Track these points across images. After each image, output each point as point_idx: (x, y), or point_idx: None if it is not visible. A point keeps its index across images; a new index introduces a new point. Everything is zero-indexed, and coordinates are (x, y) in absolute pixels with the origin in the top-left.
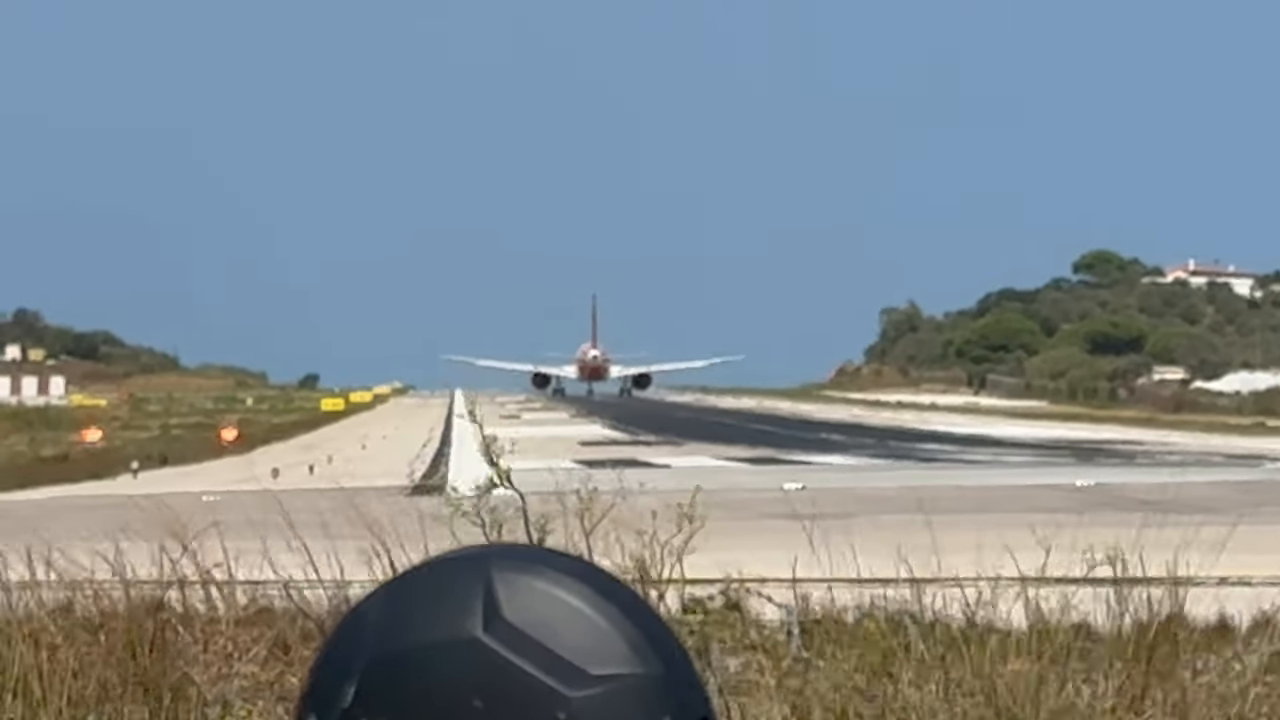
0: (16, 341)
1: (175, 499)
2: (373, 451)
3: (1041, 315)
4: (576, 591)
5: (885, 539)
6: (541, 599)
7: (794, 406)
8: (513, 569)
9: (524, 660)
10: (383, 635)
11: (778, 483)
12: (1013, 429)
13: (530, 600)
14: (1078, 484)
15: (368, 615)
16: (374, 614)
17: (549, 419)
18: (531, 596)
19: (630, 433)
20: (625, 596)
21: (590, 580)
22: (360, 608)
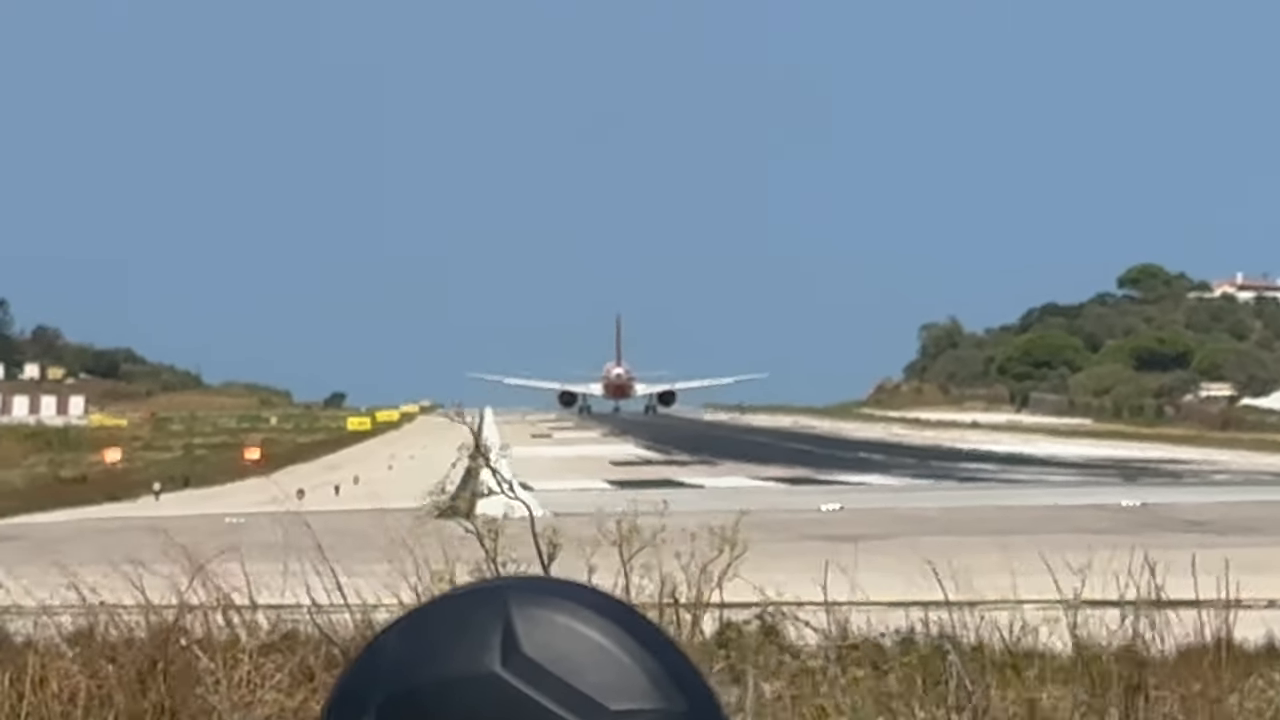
0: (35, 360)
1: (198, 521)
2: (400, 472)
3: (1086, 331)
4: (597, 625)
5: (925, 561)
6: (561, 633)
7: (831, 425)
8: (532, 602)
9: (543, 696)
10: (400, 669)
11: (815, 503)
12: (1056, 448)
13: (550, 634)
14: (1123, 504)
15: (385, 648)
16: (391, 647)
17: (580, 438)
18: (551, 630)
19: (664, 452)
20: (648, 630)
21: (611, 613)
22: (377, 641)
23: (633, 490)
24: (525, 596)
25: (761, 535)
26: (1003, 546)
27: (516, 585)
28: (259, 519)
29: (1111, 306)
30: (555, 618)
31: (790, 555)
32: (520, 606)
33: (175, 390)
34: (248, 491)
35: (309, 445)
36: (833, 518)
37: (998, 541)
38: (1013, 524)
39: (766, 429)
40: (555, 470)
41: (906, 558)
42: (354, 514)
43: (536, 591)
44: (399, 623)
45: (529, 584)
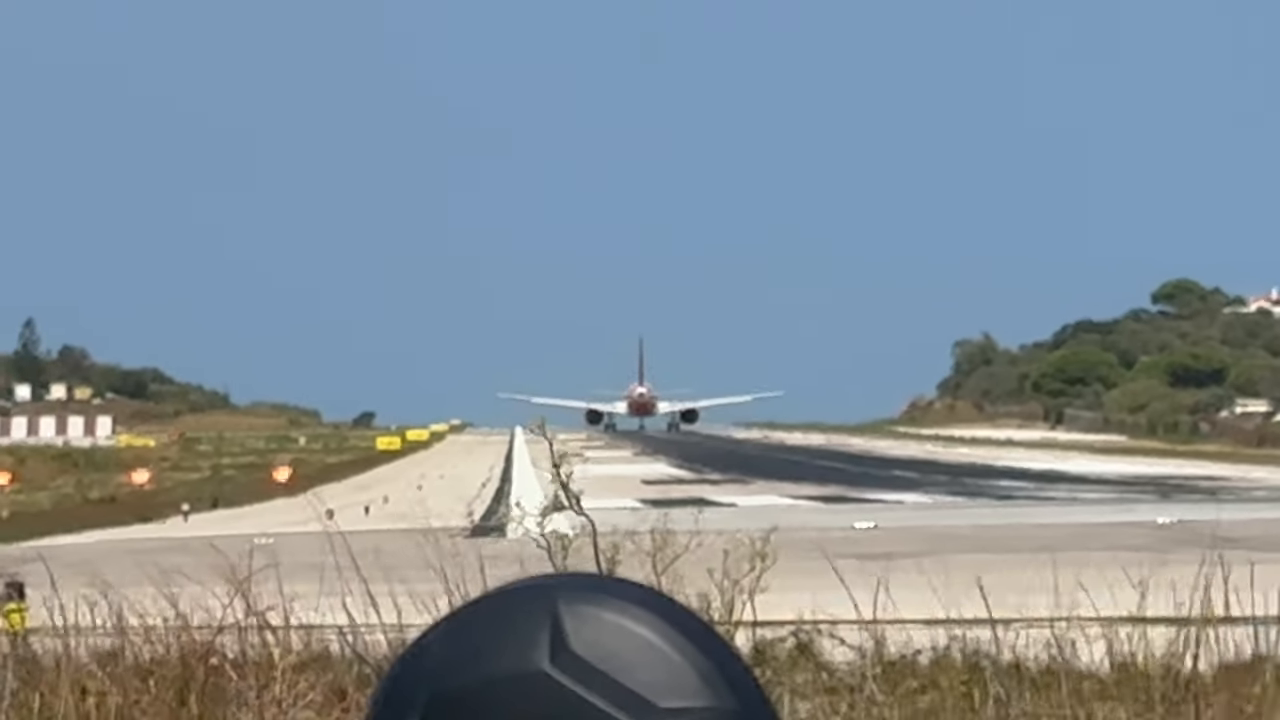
0: (62, 380)
1: (227, 542)
2: (430, 491)
3: (1120, 347)
4: (646, 622)
5: (960, 579)
6: (610, 630)
7: (864, 443)
8: (580, 599)
9: (592, 694)
10: (446, 669)
11: (849, 521)
12: (1091, 465)
13: (598, 631)
14: (1159, 521)
15: (430, 648)
16: (436, 646)
17: (611, 457)
18: (599, 628)
19: (695, 471)
20: (696, 627)
21: (660, 610)
22: (422, 640)
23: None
24: (573, 594)
25: (795, 553)
26: (1038, 564)
27: (564, 583)
28: (289, 539)
29: (1146, 322)
30: (603, 615)
31: (824, 573)
32: (568, 604)
33: (203, 410)
34: (276, 512)
35: (338, 465)
36: (867, 536)
37: (1033, 559)
38: (1048, 542)
39: (799, 447)
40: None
41: (941, 576)
42: (384, 534)
43: (584, 589)
44: (443, 622)
45: (576, 581)
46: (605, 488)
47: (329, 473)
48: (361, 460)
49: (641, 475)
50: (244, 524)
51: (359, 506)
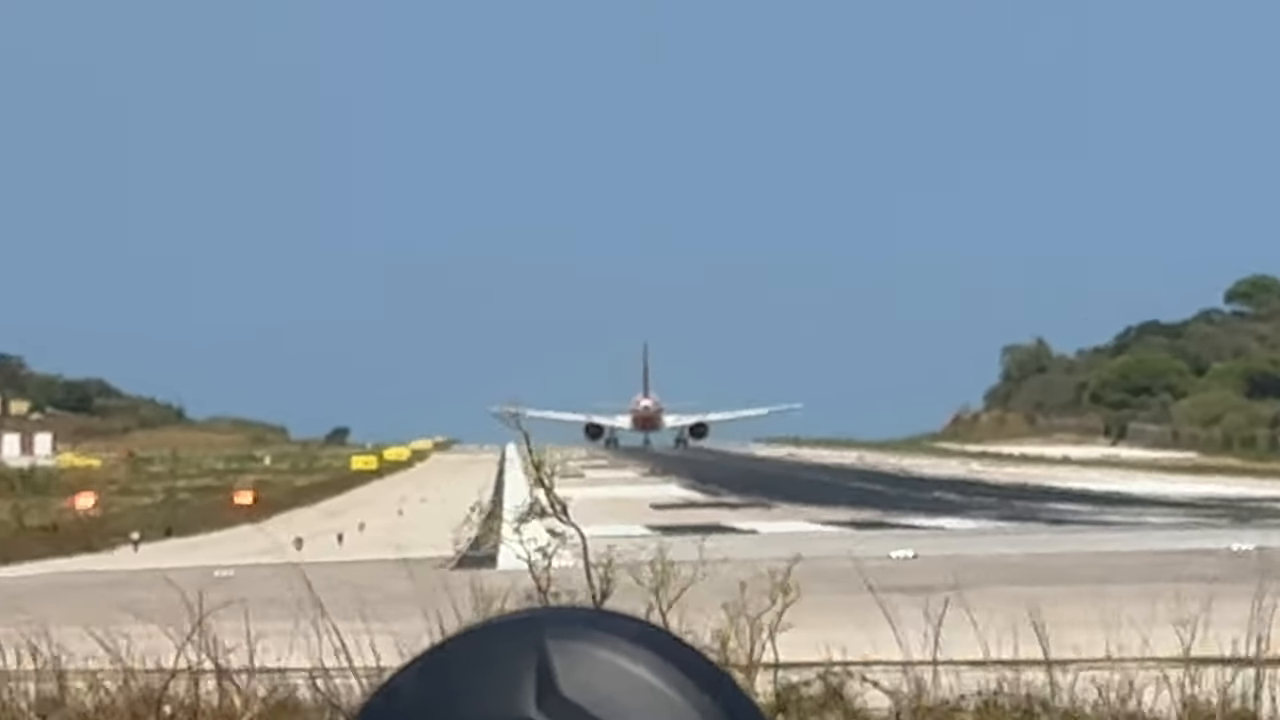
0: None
1: (182, 575)
2: (411, 517)
3: (1190, 352)
4: (644, 660)
5: (1010, 614)
6: (603, 670)
7: (902, 461)
8: (569, 635)
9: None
10: (419, 714)
11: (885, 550)
12: (1158, 485)
13: (590, 672)
14: (1234, 548)
15: (401, 691)
16: (409, 689)
17: (615, 478)
18: (592, 667)
19: (710, 493)
20: (700, 666)
21: (660, 647)
22: (393, 682)
23: (676, 536)
24: (562, 629)
25: (824, 586)
26: (1098, 598)
27: (551, 617)
28: (252, 572)
29: (1219, 324)
30: (596, 653)
31: (857, 609)
32: (557, 640)
33: (155, 426)
34: (238, 541)
35: (308, 488)
36: (905, 566)
37: (1093, 592)
38: (1109, 572)
39: (827, 466)
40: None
41: (989, 611)
42: (360, 565)
43: (574, 624)
44: (418, 661)
45: (565, 615)
46: (608, 512)
47: (297, 496)
48: (334, 482)
49: (650, 498)
50: (201, 555)
51: (331, 535)
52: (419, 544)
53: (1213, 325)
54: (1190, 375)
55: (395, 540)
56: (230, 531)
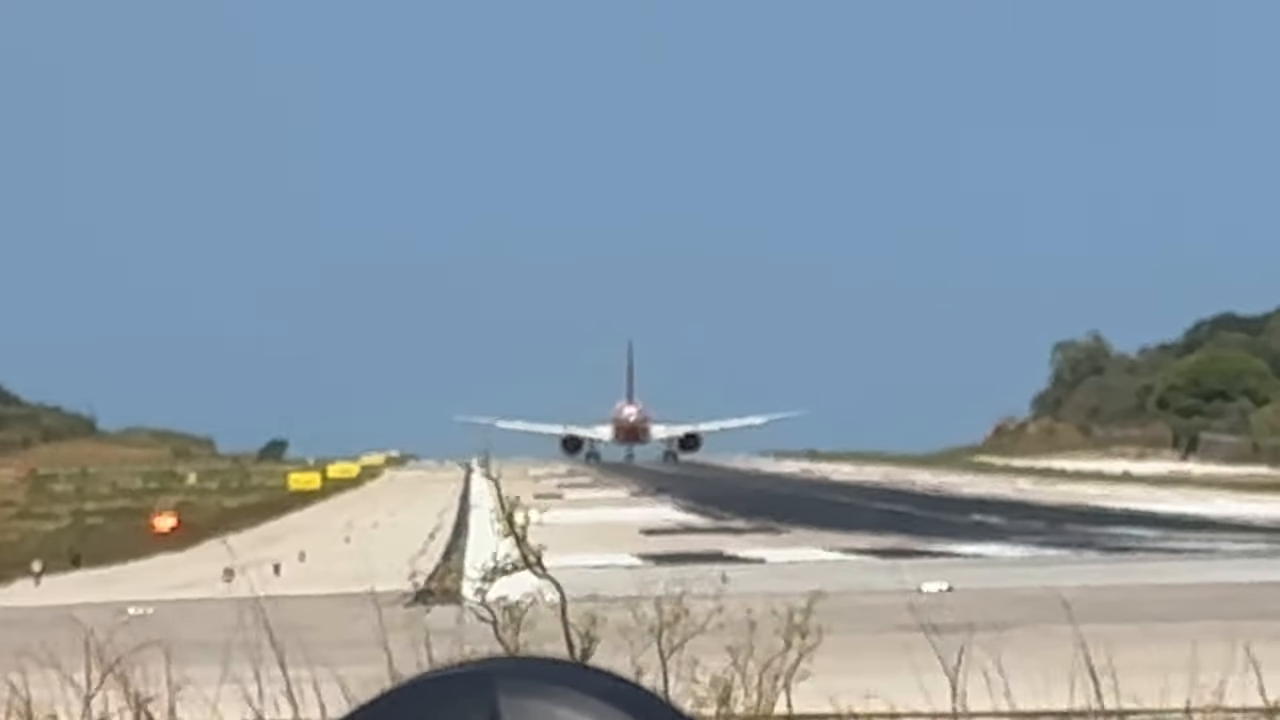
0: None
1: (92, 612)
2: (361, 546)
3: (1273, 351)
4: (606, 717)
5: (1062, 657)
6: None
7: (936, 478)
8: (525, 691)
9: None
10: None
11: (915, 582)
12: (1235, 506)
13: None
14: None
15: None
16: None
17: (600, 498)
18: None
19: (711, 516)
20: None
21: (630, 705)
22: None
23: (672, 566)
24: (517, 684)
25: (844, 625)
26: (1164, 638)
27: (505, 669)
28: (174, 609)
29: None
30: (555, 711)
31: (882, 651)
32: (510, 696)
33: (61, 439)
34: (157, 572)
35: (239, 510)
36: (938, 601)
37: (1158, 632)
38: (1178, 609)
39: (849, 484)
40: (569, 541)
41: (1037, 654)
42: (302, 601)
43: (529, 677)
44: (358, 714)
45: (520, 667)
46: (593, 538)
47: (227, 520)
48: (270, 504)
49: (641, 522)
50: (115, 589)
51: (267, 565)
52: (369, 576)
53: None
54: (1272, 378)
55: (341, 572)
56: (148, 561)
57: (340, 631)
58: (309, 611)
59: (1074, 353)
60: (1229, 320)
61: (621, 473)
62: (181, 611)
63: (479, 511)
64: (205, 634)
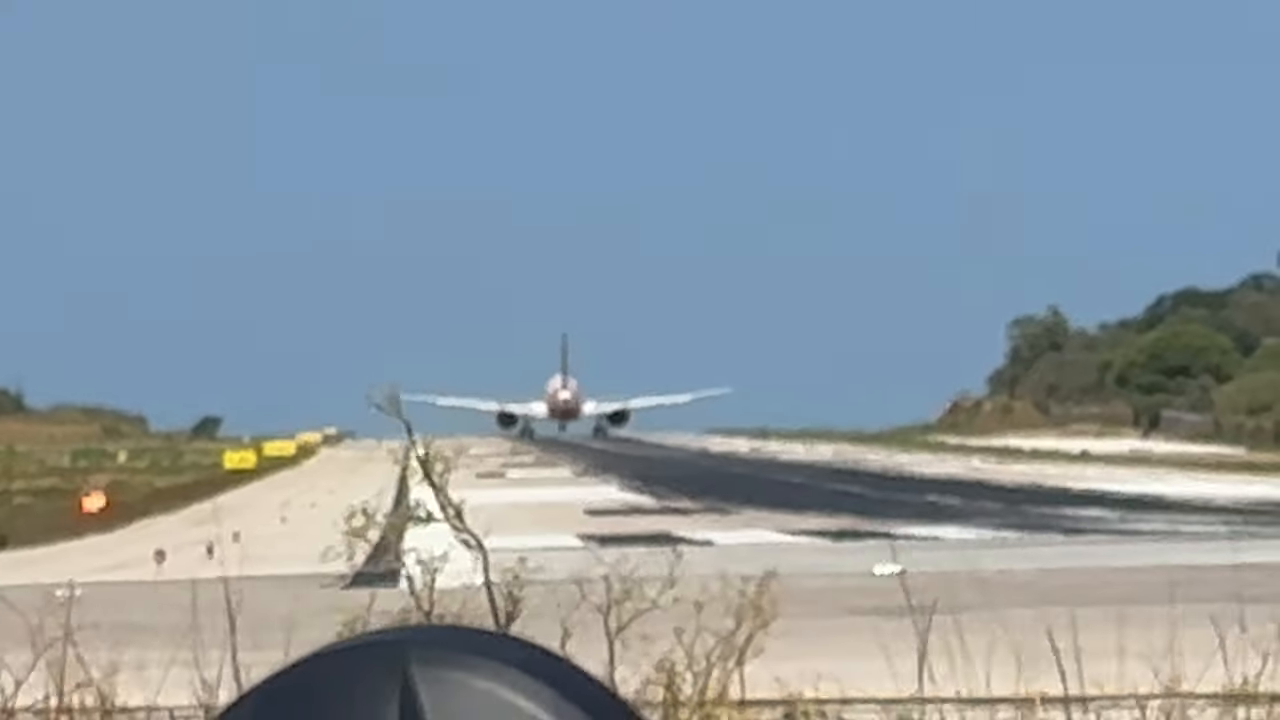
0: None
1: (18, 594)
2: (297, 526)
3: (1236, 326)
4: (528, 691)
5: (1018, 642)
6: (480, 703)
7: (889, 458)
8: (440, 661)
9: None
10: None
11: (867, 565)
12: (1198, 486)
13: (465, 705)
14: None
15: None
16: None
17: (543, 477)
18: (467, 700)
19: (658, 496)
20: (595, 695)
21: (549, 675)
22: (227, 716)
23: (617, 548)
24: (431, 654)
25: (794, 609)
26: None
27: (418, 638)
28: (104, 591)
29: (1271, 293)
30: (471, 681)
31: (833, 635)
32: (425, 666)
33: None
34: (87, 554)
35: (171, 490)
36: (891, 584)
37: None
38: (1138, 591)
39: (800, 464)
40: (510, 521)
41: (993, 639)
42: (235, 583)
43: (445, 646)
44: (255, 691)
45: (435, 635)
46: (535, 519)
47: (158, 500)
48: (203, 483)
49: (584, 502)
50: (42, 570)
51: (200, 546)
52: (305, 557)
53: (1263, 294)
54: (1235, 354)
55: (277, 553)
56: (78, 542)
57: (274, 613)
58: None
59: (1032, 328)
60: (1191, 295)
61: (565, 451)
62: (112, 594)
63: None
64: (137, 617)
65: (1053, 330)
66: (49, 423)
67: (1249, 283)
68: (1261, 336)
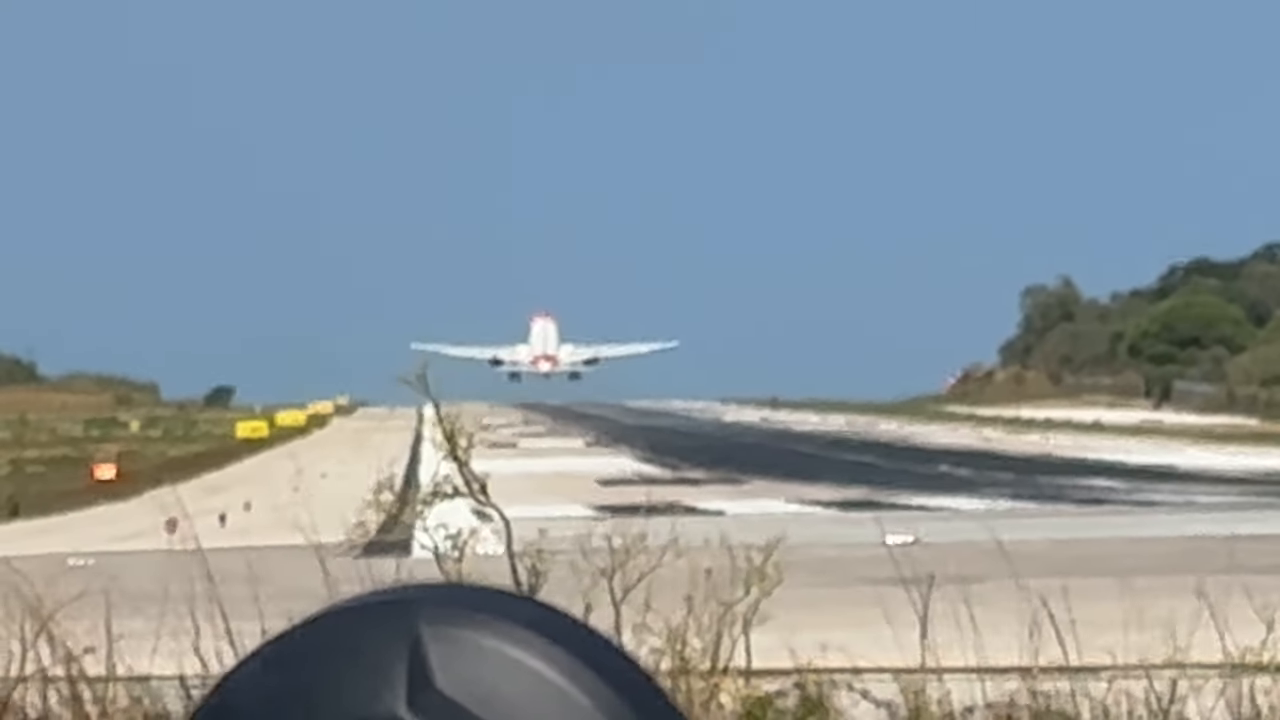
0: None
1: (30, 563)
2: (310, 494)
3: (1249, 297)
4: (538, 650)
5: (1029, 612)
6: (489, 661)
7: (900, 427)
8: (449, 619)
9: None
10: (266, 714)
11: (879, 535)
12: (1209, 458)
13: (473, 663)
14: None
15: (243, 687)
16: (252, 685)
17: (555, 448)
18: (475, 658)
19: (669, 467)
20: (606, 655)
21: (560, 635)
22: (233, 678)
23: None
24: (440, 612)
25: (805, 578)
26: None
27: (428, 597)
28: (115, 560)
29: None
30: (481, 640)
31: (844, 605)
32: (433, 625)
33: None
34: (99, 523)
35: (183, 459)
36: (903, 554)
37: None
38: (1148, 562)
39: (811, 435)
40: (523, 491)
41: (1004, 608)
42: (247, 552)
43: (455, 605)
44: (264, 650)
45: (445, 594)
46: (547, 489)
47: (171, 469)
48: (216, 452)
49: (597, 472)
50: (54, 539)
51: (212, 515)
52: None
53: (1276, 264)
54: (1248, 325)
55: (289, 522)
56: (90, 511)
57: (286, 583)
58: (257, 562)
59: (1044, 298)
60: (1204, 265)
61: (577, 421)
62: (123, 563)
63: (429, 461)
64: (147, 586)
65: (1065, 300)
66: (61, 391)
67: (1262, 253)
68: (1274, 307)
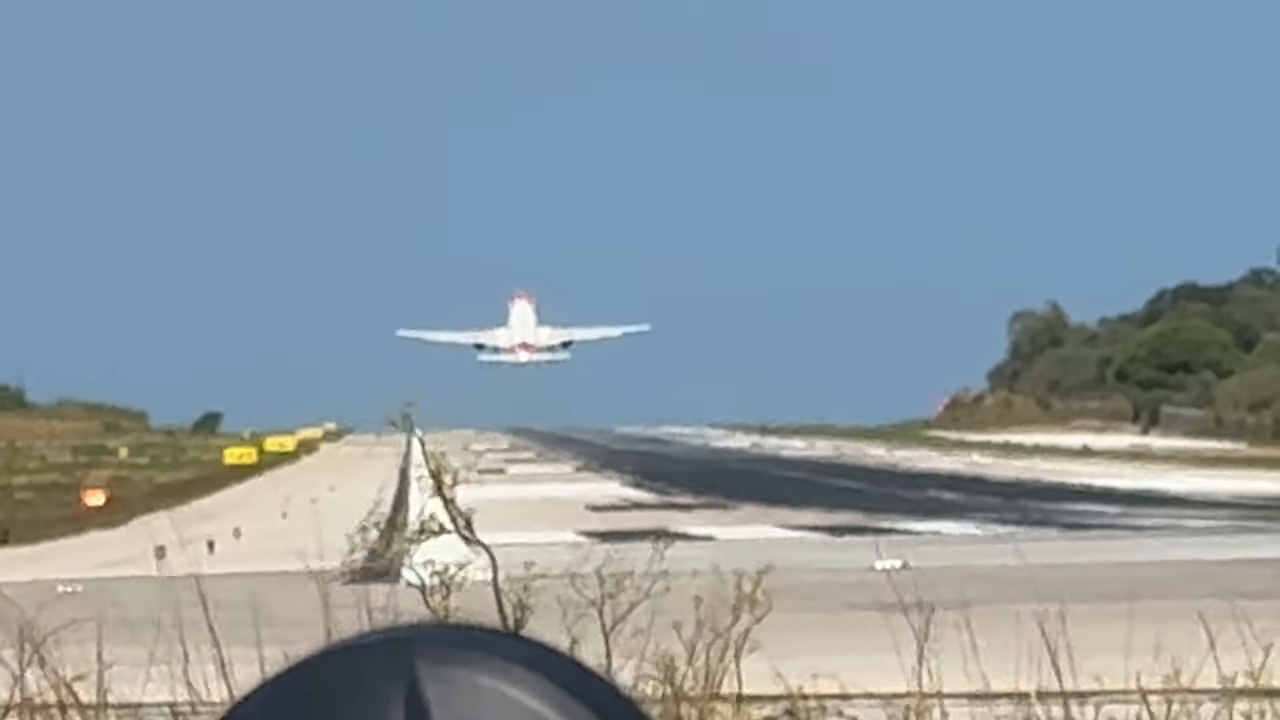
0: None
1: (19, 590)
2: (297, 522)
3: (1236, 321)
4: (538, 690)
5: (1019, 637)
6: (487, 700)
7: (890, 453)
8: (446, 659)
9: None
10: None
11: (868, 560)
12: (1198, 481)
13: (471, 702)
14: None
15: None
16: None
17: (544, 473)
18: (473, 697)
19: (659, 492)
20: (602, 694)
21: (559, 674)
22: (234, 714)
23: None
24: (438, 651)
25: (794, 604)
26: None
27: (425, 636)
28: (104, 586)
29: (1271, 288)
30: (478, 679)
31: (834, 631)
32: (431, 665)
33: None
34: (88, 549)
35: (172, 486)
36: (892, 579)
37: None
38: (1138, 587)
39: (800, 460)
40: (511, 518)
41: (993, 634)
42: (237, 579)
43: (453, 644)
44: (262, 689)
45: (442, 634)
46: (535, 515)
47: (160, 496)
48: (205, 479)
49: (586, 498)
50: (43, 566)
51: (201, 542)
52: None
53: (1263, 289)
54: (1236, 349)
55: (278, 549)
56: (79, 538)
57: (275, 610)
58: (244, 589)
59: (1032, 323)
60: (1191, 290)
61: (566, 446)
62: (113, 590)
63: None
64: (137, 613)
65: (1053, 325)
66: (50, 418)
67: (1249, 278)
68: (1262, 332)
